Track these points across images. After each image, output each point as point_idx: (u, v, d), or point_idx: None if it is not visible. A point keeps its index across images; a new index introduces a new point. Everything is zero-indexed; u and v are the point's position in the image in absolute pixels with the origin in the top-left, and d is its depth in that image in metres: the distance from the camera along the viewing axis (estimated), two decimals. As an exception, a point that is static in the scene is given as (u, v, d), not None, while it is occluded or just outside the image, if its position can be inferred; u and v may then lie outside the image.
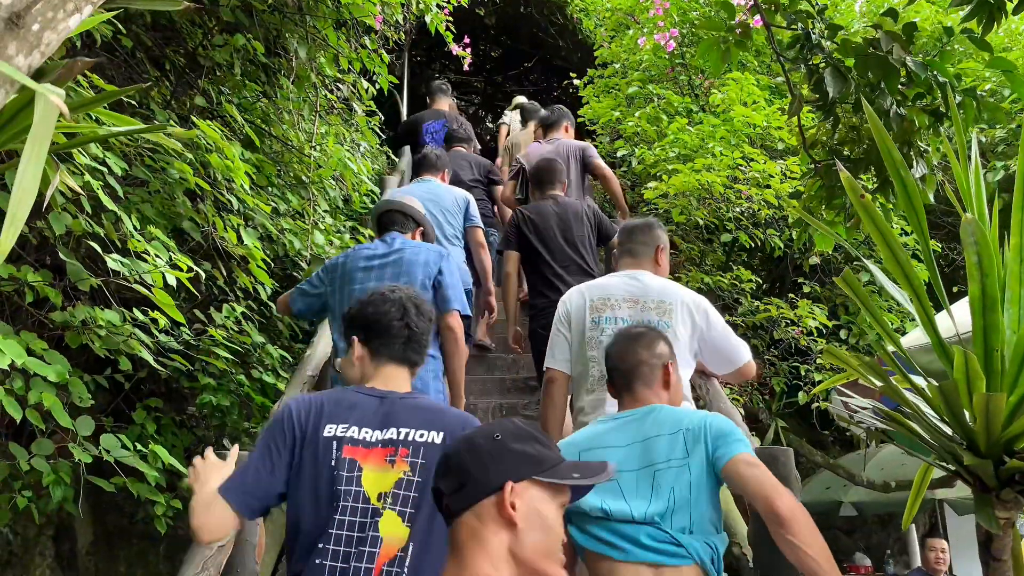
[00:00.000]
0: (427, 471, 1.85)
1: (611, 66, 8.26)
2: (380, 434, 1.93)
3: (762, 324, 5.64)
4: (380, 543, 1.83)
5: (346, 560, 1.82)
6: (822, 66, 3.10)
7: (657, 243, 3.24)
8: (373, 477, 1.88)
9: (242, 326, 4.61)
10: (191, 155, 4.08)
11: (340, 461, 1.89)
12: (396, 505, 1.86)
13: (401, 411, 1.96)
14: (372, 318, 2.11)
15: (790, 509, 1.99)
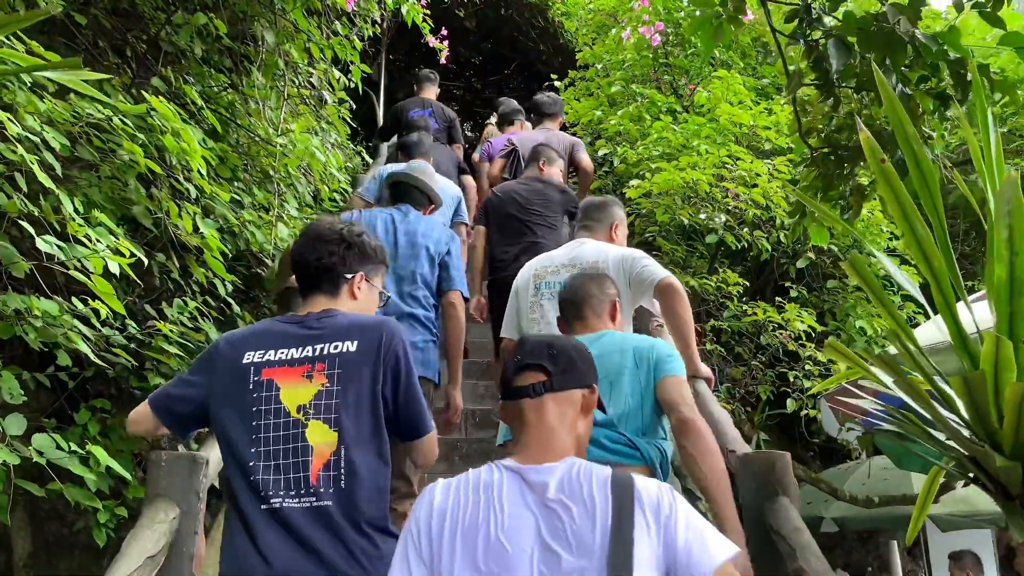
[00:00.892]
0: (345, 377, 2.01)
1: (593, 67, 8.07)
2: (297, 352, 2.06)
3: (747, 331, 5.42)
4: (311, 451, 1.95)
5: (278, 472, 1.95)
6: (822, 41, 2.88)
7: (612, 219, 3.51)
8: (290, 393, 2.01)
9: (197, 322, 4.30)
10: (144, 137, 3.79)
11: (257, 383, 2.04)
12: (319, 415, 1.98)
13: (317, 329, 2.10)
14: (295, 263, 2.29)
15: (692, 420, 2.38)
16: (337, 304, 2.21)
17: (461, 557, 1.51)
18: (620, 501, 1.52)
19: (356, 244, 2.27)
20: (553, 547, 1.49)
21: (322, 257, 2.22)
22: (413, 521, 1.61)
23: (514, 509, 1.54)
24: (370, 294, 2.31)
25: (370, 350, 2.04)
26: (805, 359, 5.21)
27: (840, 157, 3.26)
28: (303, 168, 5.03)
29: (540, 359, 1.69)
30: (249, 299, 5.62)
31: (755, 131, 5.92)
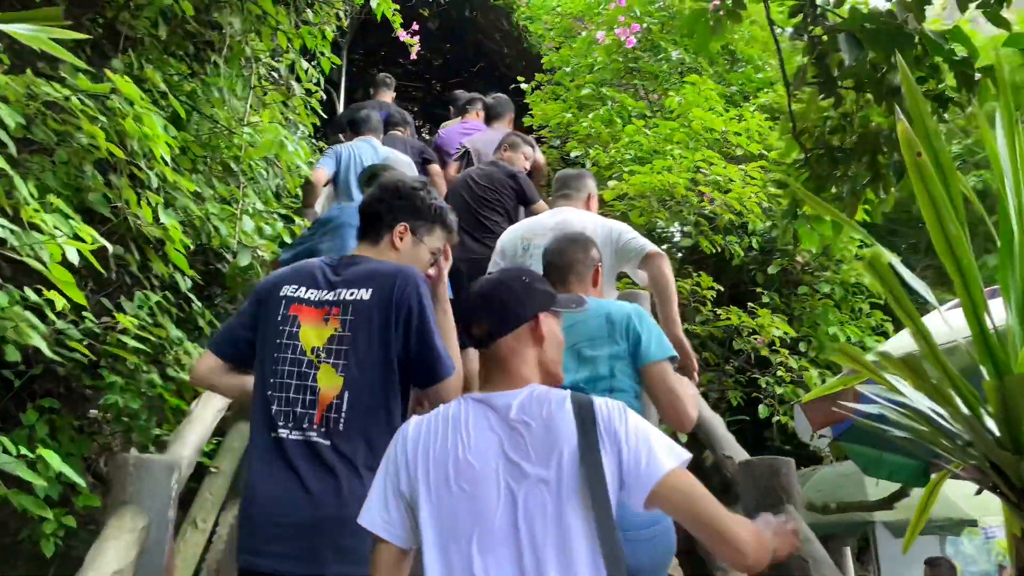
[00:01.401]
0: (356, 326, 2.04)
1: (560, 71, 7.99)
2: (322, 294, 2.11)
3: (718, 336, 5.37)
4: (318, 392, 2.01)
5: (292, 405, 2.02)
6: (824, 38, 2.82)
7: (588, 191, 3.73)
8: (308, 332, 2.07)
9: (157, 318, 4.07)
10: (104, 118, 3.55)
11: (285, 317, 2.10)
12: (330, 359, 2.04)
13: (344, 273, 2.14)
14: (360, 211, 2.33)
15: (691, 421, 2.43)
16: (377, 253, 2.22)
17: (435, 481, 1.63)
18: (582, 419, 1.63)
19: (407, 196, 2.27)
20: (515, 459, 1.62)
21: (372, 203, 2.28)
22: (389, 457, 1.71)
23: (479, 432, 1.66)
24: (415, 249, 2.26)
25: (383, 298, 2.06)
26: (777, 365, 5.18)
27: (834, 158, 3.21)
28: (270, 160, 4.82)
29: (479, 313, 1.80)
30: (205, 296, 5.38)
31: (726, 137, 5.89)
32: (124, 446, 4.42)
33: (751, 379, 5.33)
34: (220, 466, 3.24)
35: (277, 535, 1.93)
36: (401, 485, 1.66)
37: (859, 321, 5.52)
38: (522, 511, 1.59)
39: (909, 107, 2.11)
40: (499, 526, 1.59)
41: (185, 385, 4.13)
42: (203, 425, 2.77)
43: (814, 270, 5.61)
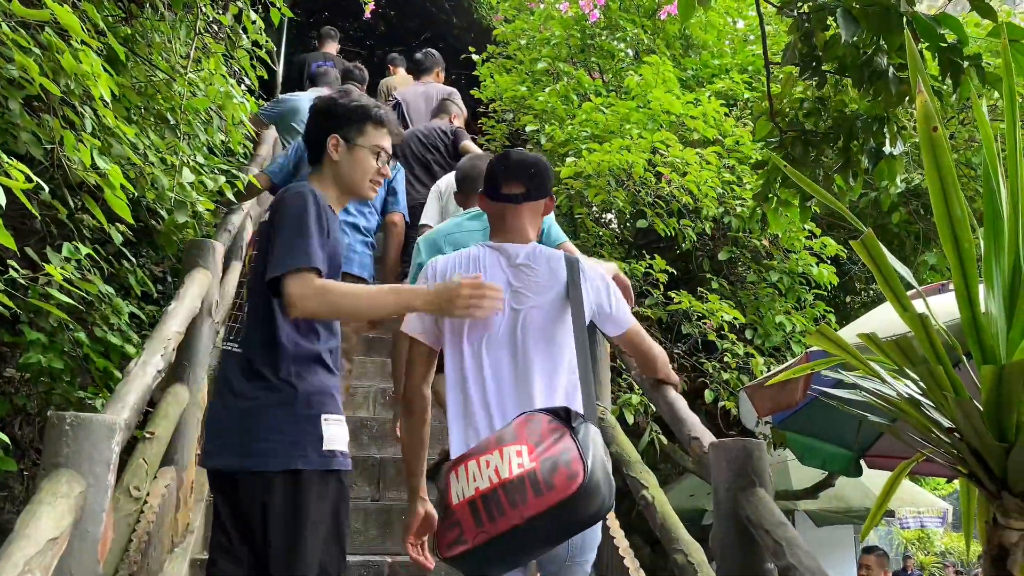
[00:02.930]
0: (259, 244, 2.23)
1: (514, 43, 7.83)
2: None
3: (664, 319, 5.35)
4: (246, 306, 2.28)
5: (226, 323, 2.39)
6: (812, 15, 2.76)
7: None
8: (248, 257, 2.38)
9: (85, 273, 3.79)
10: (38, 52, 3.25)
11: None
12: (251, 275, 2.29)
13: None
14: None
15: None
16: (321, 177, 2.31)
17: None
18: (571, 270, 2.27)
19: (326, 108, 2.30)
20: (518, 288, 2.25)
21: (307, 131, 2.34)
22: (421, 282, 2.31)
23: (492, 269, 2.27)
24: (352, 154, 2.28)
25: (271, 215, 2.20)
26: (723, 350, 5.19)
27: (808, 141, 3.17)
28: (212, 111, 4.53)
29: (522, 176, 2.33)
30: (137, 254, 5.06)
31: (683, 121, 5.85)
32: (42, 408, 4.13)
33: (697, 364, 5.33)
34: (155, 431, 3.03)
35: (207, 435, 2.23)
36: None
37: (804, 311, 5.58)
38: (520, 325, 2.20)
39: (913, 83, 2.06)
40: (502, 334, 2.20)
41: (113, 346, 3.87)
42: (143, 385, 2.56)
43: (762, 258, 5.64)
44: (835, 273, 5.52)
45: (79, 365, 3.83)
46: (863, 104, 3.12)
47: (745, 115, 6.28)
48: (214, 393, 2.25)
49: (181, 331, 3.09)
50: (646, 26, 7.01)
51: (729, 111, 6.21)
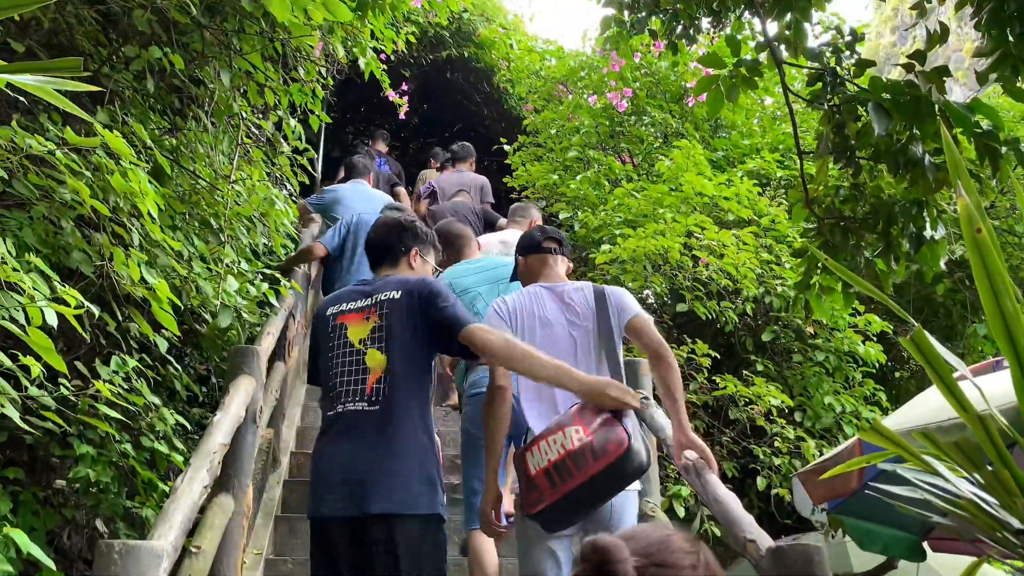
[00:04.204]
0: (391, 316, 2.67)
1: (545, 132, 8.00)
2: (360, 303, 2.76)
3: (710, 404, 5.25)
4: (368, 371, 2.62)
5: (348, 384, 2.63)
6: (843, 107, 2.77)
7: (531, 218, 4.97)
8: (354, 331, 2.71)
9: (132, 383, 3.84)
10: (88, 174, 3.39)
11: (334, 327, 2.76)
12: (374, 344, 2.65)
13: (375, 287, 2.79)
14: (368, 245, 3.01)
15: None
16: (396, 273, 2.88)
17: (529, 325, 2.96)
18: (598, 297, 3.03)
19: (410, 228, 2.98)
20: (570, 317, 2.99)
21: (384, 237, 2.95)
22: (495, 312, 3.03)
23: (549, 303, 3.03)
24: (423, 266, 2.97)
25: (408, 293, 2.68)
26: (772, 435, 5.06)
27: (847, 227, 3.15)
28: (254, 219, 4.66)
29: (555, 238, 3.25)
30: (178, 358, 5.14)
31: (716, 202, 5.87)
32: (89, 519, 4.14)
33: (746, 449, 5.20)
34: (201, 545, 3.01)
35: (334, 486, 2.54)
36: (509, 322, 2.95)
37: (853, 390, 5.45)
38: (576, 341, 2.94)
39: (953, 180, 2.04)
40: (564, 347, 2.90)
41: (159, 456, 3.89)
42: (189, 503, 2.55)
43: (810, 337, 5.55)
44: (882, 351, 5.41)
45: (126, 476, 3.85)
46: (900, 189, 3.11)
47: (779, 194, 6.28)
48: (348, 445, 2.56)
49: (226, 443, 3.09)
50: (673, 110, 7.12)
51: (763, 190, 6.22)
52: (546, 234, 3.24)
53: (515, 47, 10.65)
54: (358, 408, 2.56)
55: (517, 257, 3.29)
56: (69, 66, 1.25)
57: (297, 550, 4.50)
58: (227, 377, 3.74)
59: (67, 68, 1.25)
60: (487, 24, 10.82)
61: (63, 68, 1.26)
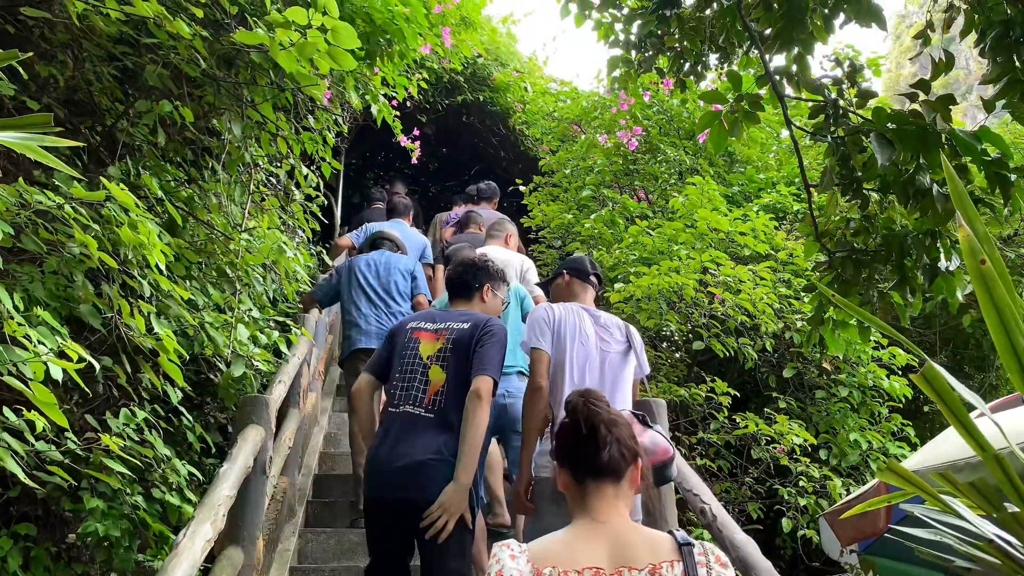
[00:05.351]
0: (456, 342, 3.14)
1: (560, 172, 8.02)
2: (435, 325, 3.26)
3: (732, 443, 5.13)
4: (429, 383, 3.10)
5: (410, 391, 3.11)
6: (847, 138, 2.72)
7: (506, 232, 5.42)
8: (425, 346, 3.18)
9: (144, 435, 3.83)
10: (97, 227, 3.42)
11: (410, 339, 3.24)
12: (438, 362, 3.13)
13: (451, 316, 3.30)
14: (448, 280, 3.54)
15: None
16: (471, 307, 3.41)
17: (570, 335, 3.33)
18: (629, 332, 3.48)
19: (483, 267, 3.50)
20: (604, 338, 3.40)
21: (462, 274, 3.46)
22: (542, 317, 3.37)
23: (585, 322, 3.40)
24: (494, 300, 3.50)
25: (474, 327, 3.17)
26: (797, 475, 4.92)
27: (858, 261, 3.07)
28: (267, 266, 4.67)
29: (599, 272, 3.74)
30: (196, 407, 5.13)
31: (732, 237, 5.81)
32: (104, 572, 4.11)
33: (771, 490, 5.06)
34: (208, 600, 2.96)
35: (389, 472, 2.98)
36: (552, 327, 3.32)
37: (880, 426, 5.30)
38: (607, 361, 3.36)
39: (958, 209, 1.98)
40: (596, 364, 3.33)
41: (171, 507, 3.86)
42: (191, 558, 2.51)
43: (830, 373, 5.42)
44: (907, 385, 5.27)
45: (137, 529, 3.82)
46: (911, 220, 3.04)
47: (796, 228, 6.20)
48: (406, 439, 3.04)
49: (232, 495, 3.06)
50: (687, 147, 7.09)
51: (779, 224, 6.15)
52: (595, 268, 3.71)
53: (530, 90, 10.74)
54: (417, 412, 3.06)
55: (563, 272, 3.68)
56: (39, 121, 1.24)
57: (313, 601, 4.43)
58: (235, 427, 3.71)
59: (37, 124, 1.25)
60: (501, 68, 10.93)
61: (33, 124, 1.25)
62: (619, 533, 1.71)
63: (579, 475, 1.79)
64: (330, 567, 4.60)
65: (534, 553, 1.69)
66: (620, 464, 1.77)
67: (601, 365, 3.33)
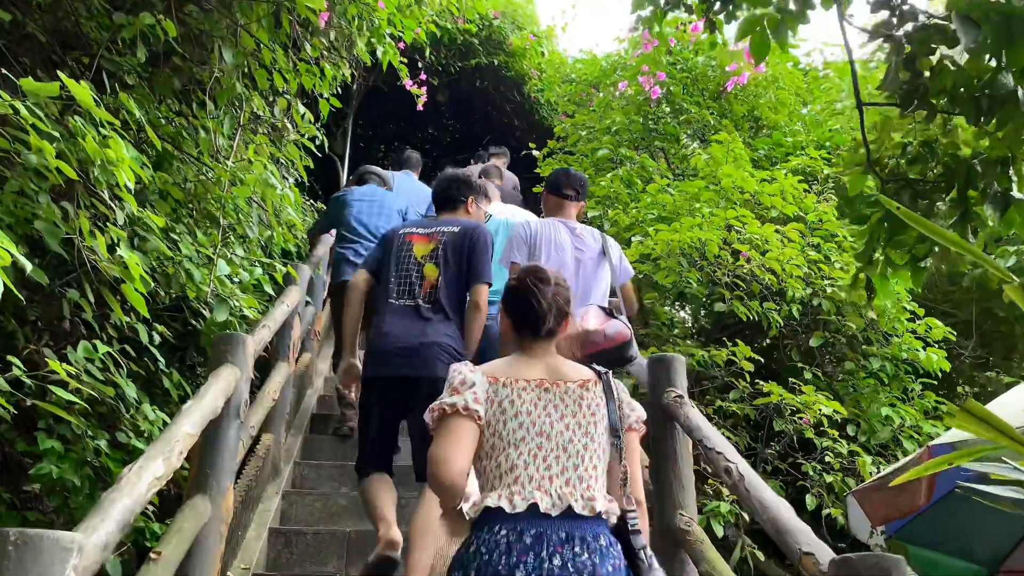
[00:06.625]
0: (448, 244, 3.52)
1: (575, 135, 7.63)
2: (427, 230, 3.62)
3: (752, 416, 4.74)
4: (424, 278, 3.48)
5: (407, 285, 3.48)
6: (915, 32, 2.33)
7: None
8: (419, 248, 3.55)
9: (110, 373, 3.49)
10: (57, 134, 3.06)
11: (404, 242, 3.59)
12: (431, 260, 3.50)
13: (440, 223, 3.67)
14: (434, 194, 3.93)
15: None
16: (456, 216, 3.72)
17: (546, 244, 3.78)
18: (602, 240, 3.96)
19: (466, 180, 3.84)
20: (578, 246, 3.85)
21: (447, 188, 3.78)
22: (520, 233, 3.88)
23: (561, 232, 3.85)
24: (477, 212, 3.88)
25: (463, 231, 3.53)
26: (823, 450, 4.54)
27: (916, 192, 2.68)
28: (255, 202, 4.31)
29: (575, 185, 4.04)
30: (179, 354, 4.79)
31: (758, 199, 5.41)
32: (67, 524, 3.77)
33: (793, 465, 4.68)
34: (163, 551, 2.60)
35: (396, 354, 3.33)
36: (529, 241, 3.79)
37: (912, 402, 4.90)
38: (581, 265, 3.81)
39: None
40: (572, 270, 3.68)
41: (137, 453, 3.51)
42: (134, 495, 2.16)
43: (859, 344, 5.03)
44: (945, 358, 4.86)
45: (98, 475, 3.48)
46: (981, 145, 2.64)
47: (827, 190, 5.79)
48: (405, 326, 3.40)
49: (194, 433, 2.69)
50: (712, 107, 6.69)
51: (809, 187, 5.74)
52: (569, 183, 4.01)
53: (546, 54, 10.34)
54: (415, 304, 3.41)
55: (544, 192, 4.16)
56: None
57: (293, 566, 4.08)
58: (209, 368, 3.36)
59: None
60: (517, 32, 10.53)
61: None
62: (550, 362, 2.18)
63: (518, 326, 2.21)
64: (314, 530, 4.25)
65: (486, 370, 2.15)
66: (553, 323, 2.19)
67: (576, 271, 3.75)
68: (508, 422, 2.05)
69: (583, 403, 2.08)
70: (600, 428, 2.07)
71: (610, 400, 2.12)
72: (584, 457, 2.03)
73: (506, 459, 2.02)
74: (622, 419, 2.13)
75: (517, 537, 1.92)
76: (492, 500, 1.99)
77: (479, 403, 2.05)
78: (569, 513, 1.96)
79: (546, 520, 1.94)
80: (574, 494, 1.98)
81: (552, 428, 2.04)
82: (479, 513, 2.01)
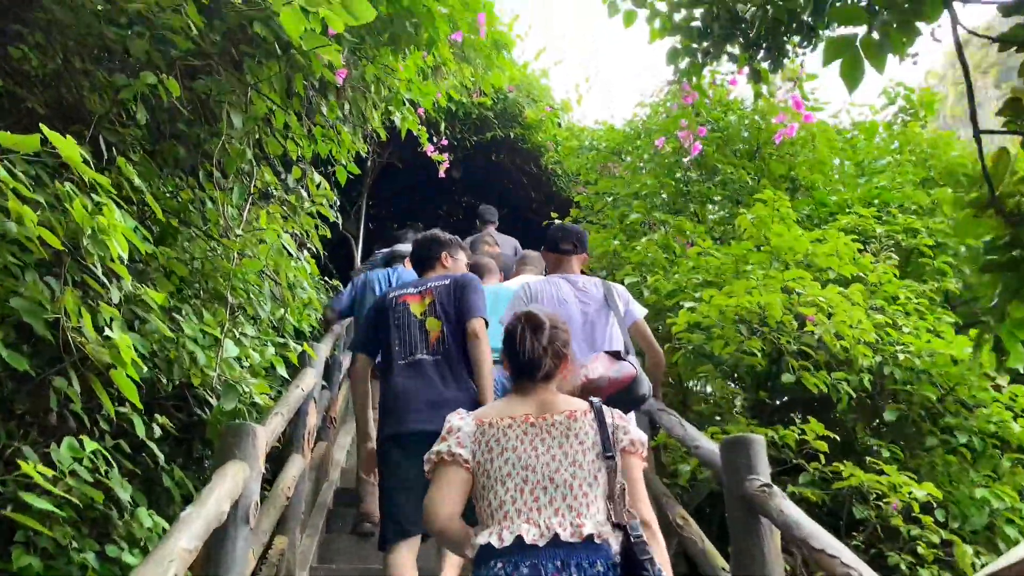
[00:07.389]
0: (440, 296, 3.59)
1: (600, 202, 7.29)
2: (417, 289, 3.66)
3: (825, 500, 4.19)
4: (429, 332, 3.51)
5: (413, 342, 3.50)
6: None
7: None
8: (415, 306, 3.59)
9: (99, 475, 3.01)
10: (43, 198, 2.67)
11: (399, 304, 3.61)
12: (431, 314, 3.55)
13: (428, 279, 3.73)
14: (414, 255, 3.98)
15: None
16: (436, 272, 3.79)
17: (547, 302, 3.79)
18: (605, 289, 3.97)
19: (435, 238, 3.87)
20: (582, 299, 3.89)
21: (420, 250, 3.86)
22: (521, 295, 3.93)
23: (564, 289, 3.91)
24: (455, 264, 3.89)
25: (452, 282, 3.63)
26: (912, 539, 3.97)
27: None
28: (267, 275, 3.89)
29: (573, 239, 4.13)
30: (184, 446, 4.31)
31: (810, 260, 4.97)
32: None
33: (875, 557, 4.10)
34: None
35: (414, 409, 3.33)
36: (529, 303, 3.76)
37: (1002, 481, 4.34)
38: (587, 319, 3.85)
39: None
40: (578, 321, 3.78)
41: (126, 568, 3.01)
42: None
43: (939, 417, 4.50)
44: (1042, 429, 4.32)
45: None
46: None
47: (885, 248, 5.36)
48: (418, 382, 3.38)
49: (192, 547, 2.20)
50: (747, 167, 6.33)
51: (864, 247, 5.31)
52: (566, 237, 4.10)
53: (563, 126, 10.11)
54: (426, 357, 3.42)
55: (543, 250, 4.21)
56: None
57: None
58: (213, 464, 2.88)
59: None
60: (533, 105, 10.33)
61: None
62: (543, 398, 2.21)
63: (514, 372, 2.27)
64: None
65: (476, 414, 2.24)
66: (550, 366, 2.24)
67: (583, 323, 3.77)
68: (495, 460, 2.11)
69: (570, 433, 2.13)
70: (590, 456, 2.10)
71: (602, 426, 2.15)
72: (572, 486, 2.07)
73: (495, 496, 2.08)
74: (615, 443, 2.15)
75: (513, 569, 1.97)
76: (483, 538, 2.04)
77: (462, 447, 2.14)
78: (557, 541, 1.99)
79: (538, 551, 1.98)
80: (563, 523, 2.01)
81: (537, 460, 2.09)
82: (475, 552, 2.06)
